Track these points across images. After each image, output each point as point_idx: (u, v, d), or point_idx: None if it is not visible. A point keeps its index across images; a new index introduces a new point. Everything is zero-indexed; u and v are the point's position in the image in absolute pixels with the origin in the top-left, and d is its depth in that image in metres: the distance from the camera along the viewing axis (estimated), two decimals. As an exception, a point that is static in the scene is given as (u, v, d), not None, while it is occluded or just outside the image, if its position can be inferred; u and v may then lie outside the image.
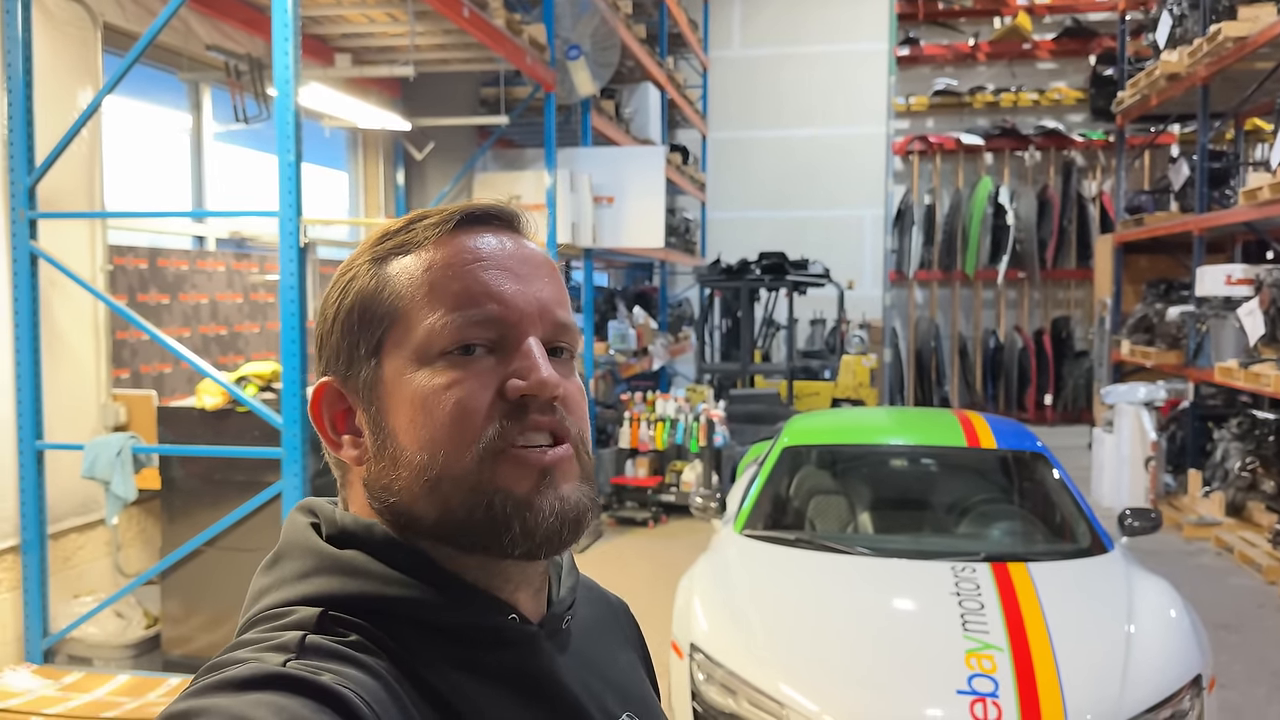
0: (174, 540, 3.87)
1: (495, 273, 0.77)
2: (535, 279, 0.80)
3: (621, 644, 0.96)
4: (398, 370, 0.76)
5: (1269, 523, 6.73)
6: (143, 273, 4.62)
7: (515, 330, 0.77)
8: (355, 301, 0.78)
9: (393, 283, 0.77)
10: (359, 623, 0.71)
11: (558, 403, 0.77)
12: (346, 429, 0.80)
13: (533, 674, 0.77)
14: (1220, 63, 7.42)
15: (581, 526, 0.78)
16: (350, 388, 0.79)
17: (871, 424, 4.79)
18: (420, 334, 0.76)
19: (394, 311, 0.77)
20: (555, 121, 6.69)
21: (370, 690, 0.66)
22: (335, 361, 0.80)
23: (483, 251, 0.78)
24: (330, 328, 0.80)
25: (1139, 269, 10.14)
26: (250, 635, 0.71)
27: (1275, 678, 4.55)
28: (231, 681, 0.63)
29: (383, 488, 0.76)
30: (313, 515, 0.79)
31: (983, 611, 3.11)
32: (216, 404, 3.71)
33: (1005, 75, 13.40)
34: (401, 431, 0.75)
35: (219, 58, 4.73)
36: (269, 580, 0.76)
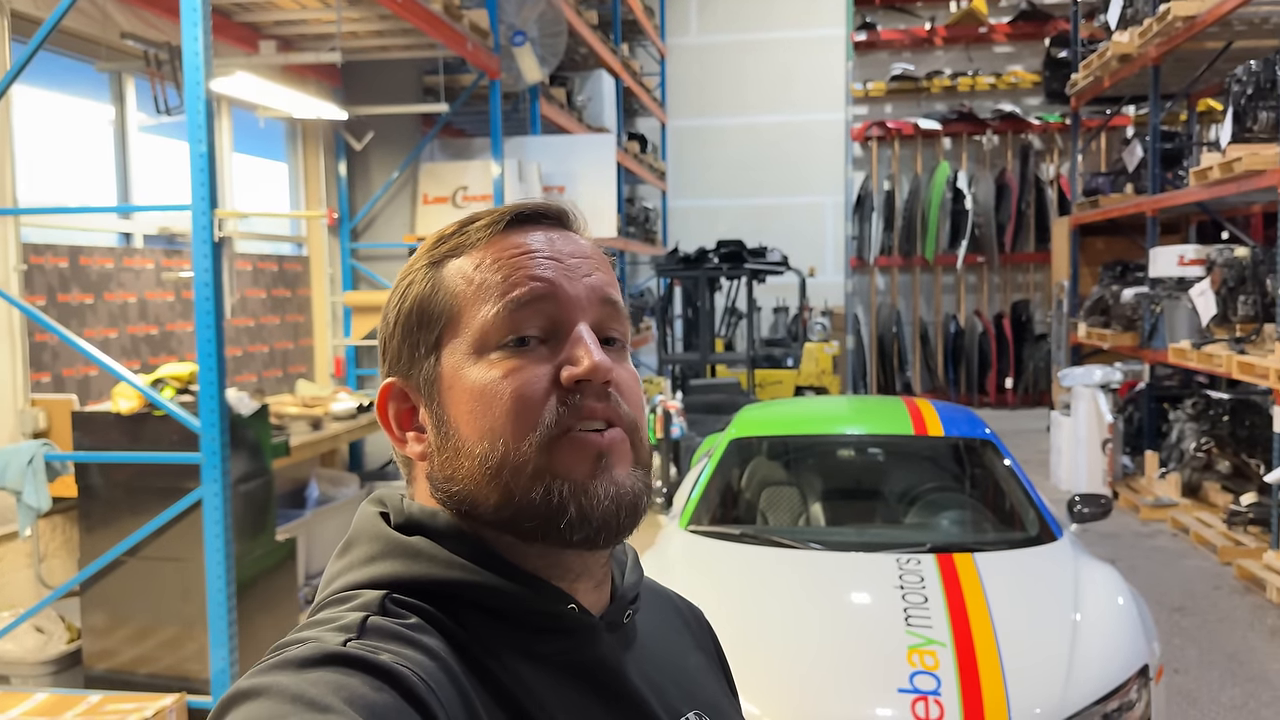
0: (94, 551, 3.71)
1: (543, 261, 0.80)
2: (583, 267, 0.82)
3: (692, 647, 0.96)
4: (455, 365, 0.79)
5: (1224, 503, 6.73)
6: (63, 271, 4.43)
7: (566, 316, 0.79)
8: (413, 304, 0.82)
9: (447, 283, 0.81)
10: (420, 605, 0.74)
11: (611, 388, 0.79)
12: (411, 426, 0.83)
13: (590, 664, 0.79)
14: (1170, 43, 7.39)
15: (638, 512, 0.79)
16: (412, 386, 0.82)
17: (820, 414, 4.70)
18: (474, 327, 0.79)
19: (449, 310, 0.80)
20: (502, 109, 6.53)
21: (428, 670, 0.67)
22: (397, 363, 0.83)
23: (531, 245, 0.81)
24: (392, 331, 0.83)
25: (1095, 251, 10.14)
26: (319, 616, 0.73)
27: (1229, 661, 4.52)
28: (293, 660, 0.65)
29: (446, 478, 0.79)
30: (382, 505, 0.82)
31: (926, 605, 3.03)
32: (132, 408, 3.54)
33: (962, 59, 13.37)
34: (462, 423, 0.78)
35: (137, 46, 4.55)
36: (340, 565, 0.79)
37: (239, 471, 3.63)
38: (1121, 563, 5.96)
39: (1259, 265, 6.03)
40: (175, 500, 3.51)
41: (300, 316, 6.48)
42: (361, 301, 6.43)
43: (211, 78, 3.36)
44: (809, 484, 4.11)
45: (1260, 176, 5.82)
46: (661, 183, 12.47)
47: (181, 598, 3.66)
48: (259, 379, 5.95)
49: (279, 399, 5.53)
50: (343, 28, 5.50)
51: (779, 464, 4.24)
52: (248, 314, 5.85)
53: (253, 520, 3.83)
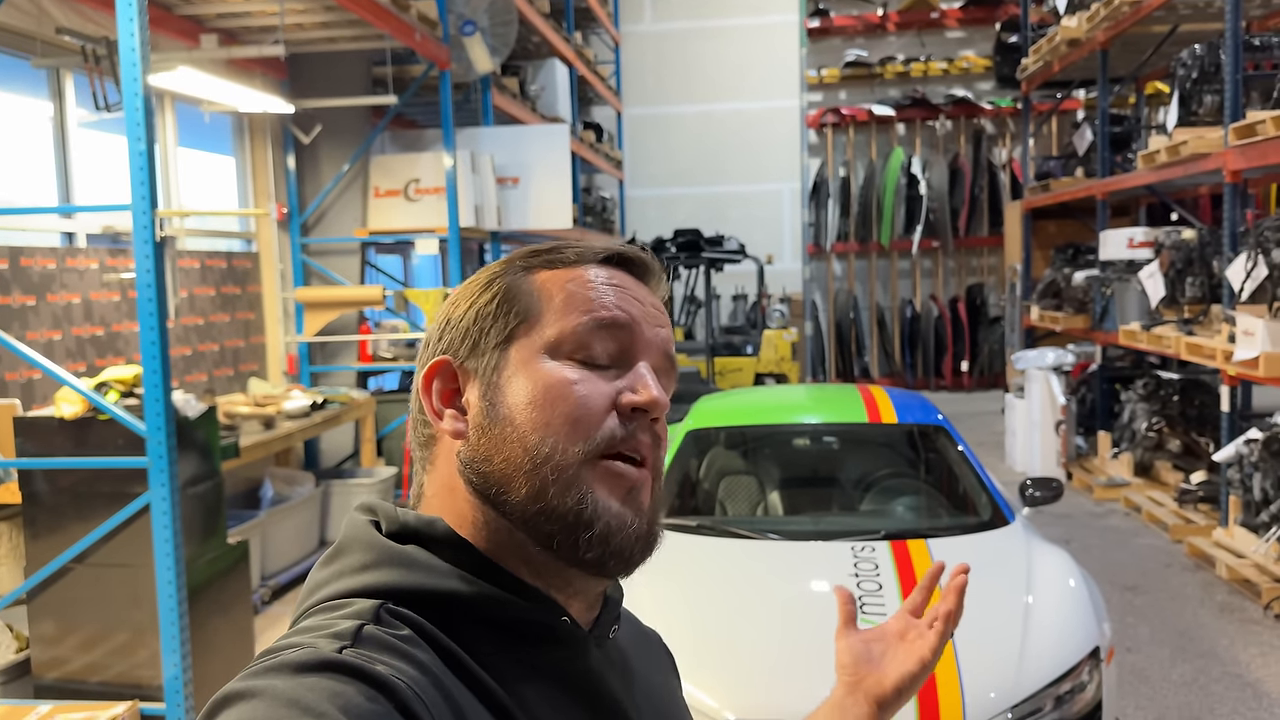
0: (40, 558, 3.63)
1: (629, 300, 0.84)
2: (660, 319, 0.86)
3: (660, 669, 0.99)
4: (524, 359, 0.81)
5: (1175, 481, 6.85)
6: (2, 273, 4.33)
7: (635, 349, 0.83)
8: (497, 293, 0.84)
9: (536, 286, 0.84)
10: (413, 616, 0.73)
11: (657, 427, 0.83)
12: (450, 404, 0.84)
13: (581, 675, 0.80)
14: (1118, 27, 7.48)
15: (650, 551, 0.82)
16: (469, 369, 0.83)
17: (776, 403, 4.72)
18: (553, 332, 0.82)
19: (531, 309, 0.83)
20: (453, 100, 6.47)
21: (420, 684, 0.67)
22: (459, 343, 0.84)
23: (622, 280, 0.86)
24: (464, 313, 0.85)
25: (1048, 234, 10.26)
26: (308, 623, 0.73)
27: (1180, 638, 4.60)
28: (288, 664, 0.65)
29: (483, 457, 0.80)
30: (372, 513, 0.82)
31: (880, 593, 3.05)
32: (76, 412, 3.47)
33: (914, 45, 13.45)
34: (519, 411, 0.80)
35: (75, 41, 4.44)
36: (328, 573, 0.79)
37: (187, 474, 3.57)
38: (1075, 542, 6.06)
39: (1206, 247, 6.14)
40: (123, 505, 3.44)
41: (251, 314, 6.39)
42: (313, 297, 6.34)
43: (150, 73, 3.29)
44: (765, 473, 4.12)
45: (1205, 159, 5.92)
46: (618, 172, 12.43)
47: (132, 604, 3.60)
48: (209, 378, 5.86)
49: (230, 398, 5.45)
50: (288, 19, 5.41)
51: (735, 454, 4.24)
52: (196, 312, 5.75)
53: (203, 523, 3.77)
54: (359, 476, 6.28)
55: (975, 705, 2.67)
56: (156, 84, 4.88)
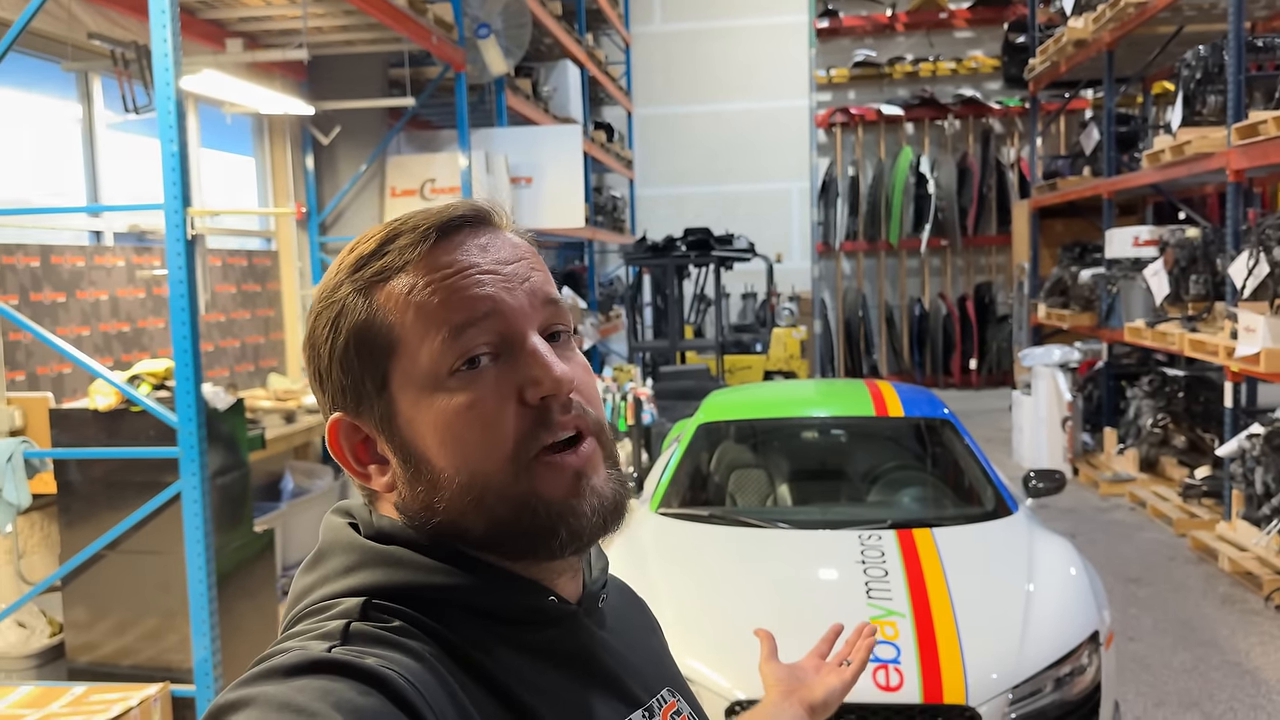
0: (74, 545, 3.76)
1: (480, 277, 0.78)
2: (520, 271, 0.80)
3: (648, 629, 1.00)
4: (412, 400, 0.77)
5: (1180, 477, 6.93)
6: (34, 270, 4.46)
7: (513, 330, 0.78)
8: (349, 338, 0.78)
9: (382, 313, 0.77)
10: (402, 610, 0.73)
11: (574, 395, 0.79)
12: (370, 459, 0.81)
13: (575, 650, 0.81)
14: (1124, 28, 7.55)
15: (622, 512, 0.81)
16: (365, 421, 0.80)
17: (785, 397, 4.82)
18: (424, 359, 0.76)
19: (392, 342, 0.77)
20: (468, 101, 6.59)
21: (414, 672, 0.68)
22: (342, 398, 0.80)
23: (463, 261, 0.78)
24: (328, 365, 0.80)
25: (1055, 233, 10.33)
26: (297, 628, 0.73)
27: (1181, 628, 4.69)
28: (278, 669, 0.65)
29: (424, 509, 0.78)
30: (349, 516, 0.82)
31: (886, 579, 3.16)
32: (109, 404, 3.60)
33: (923, 45, 13.52)
34: (434, 456, 0.77)
35: (104, 46, 4.57)
36: (312, 578, 0.78)
37: (216, 465, 3.70)
38: (1081, 536, 6.15)
39: (1210, 245, 6.22)
40: (154, 494, 3.57)
41: (270, 311, 6.52)
42: (332, 295, 6.46)
43: (181, 77, 3.41)
44: (775, 465, 4.23)
45: (1209, 159, 6.00)
46: (629, 171, 12.54)
47: (162, 590, 3.73)
48: (231, 373, 6.00)
49: (252, 393, 5.58)
50: (308, 23, 5.54)
51: (746, 447, 4.36)
52: (218, 309, 5.88)
53: (231, 512, 3.90)
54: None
55: (977, 685, 2.78)
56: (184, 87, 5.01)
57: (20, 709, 3.41)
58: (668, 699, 0.88)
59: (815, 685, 1.20)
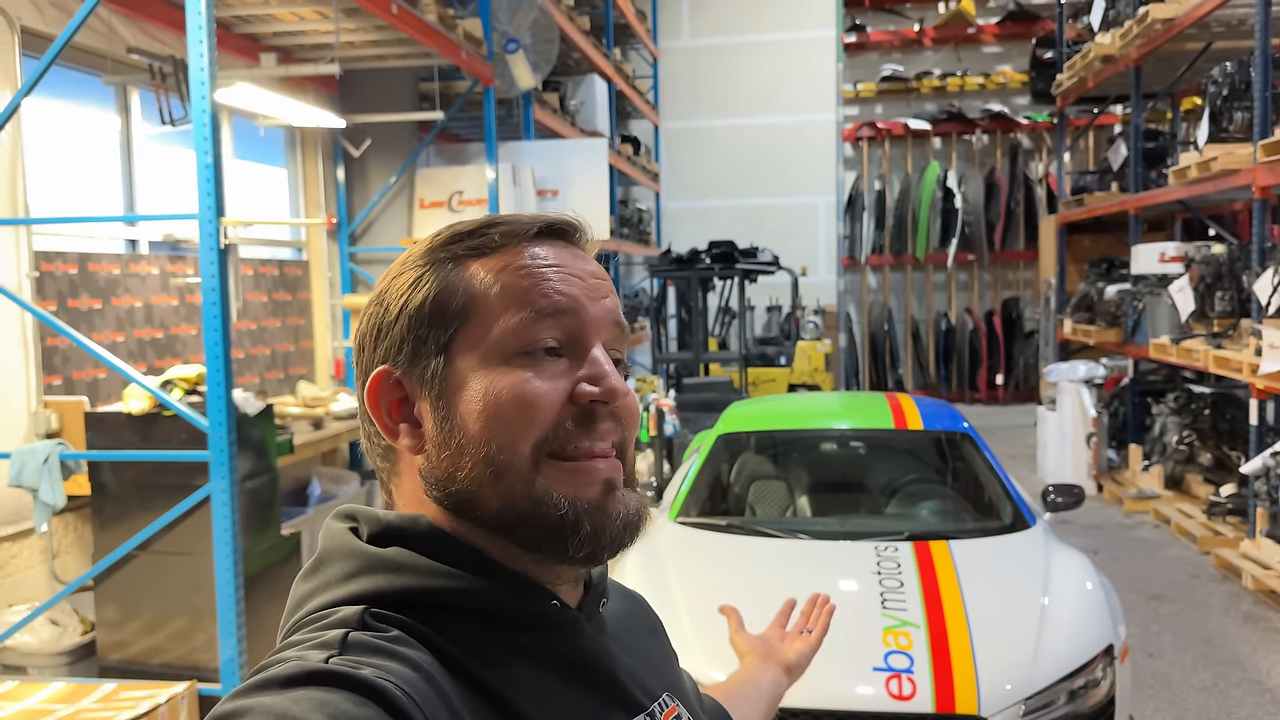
0: (106, 546, 3.86)
1: (569, 278, 0.82)
2: (601, 289, 0.84)
3: (650, 633, 1.00)
4: (470, 366, 0.79)
5: (1206, 494, 6.89)
6: (72, 278, 4.58)
7: (584, 334, 0.81)
8: (427, 297, 0.81)
9: (468, 283, 0.81)
10: (400, 618, 0.74)
11: (619, 409, 0.81)
12: (402, 417, 0.82)
13: (575, 655, 0.81)
14: (1151, 44, 7.55)
15: (640, 527, 0.82)
16: (412, 379, 0.81)
17: (805, 409, 4.86)
18: (495, 333, 0.79)
19: (468, 310, 0.80)
20: (496, 115, 6.69)
21: (411, 683, 0.68)
22: (396, 352, 0.81)
23: (557, 260, 0.82)
24: (394, 319, 0.82)
25: (1082, 249, 10.30)
26: (295, 637, 0.73)
27: (1203, 646, 4.67)
28: (275, 680, 0.66)
29: (445, 475, 0.79)
30: (350, 520, 0.82)
31: (902, 589, 3.18)
32: (143, 408, 3.70)
33: (951, 60, 13.53)
34: (471, 421, 0.78)
35: (142, 60, 4.69)
36: (311, 586, 0.79)
37: (245, 469, 3.78)
38: (1104, 553, 6.13)
39: (1235, 262, 6.20)
40: (185, 496, 3.65)
41: (300, 319, 6.63)
42: (360, 304, 6.56)
43: (216, 90, 3.51)
44: (794, 476, 4.27)
45: (1235, 175, 5.98)
46: (655, 184, 12.62)
47: (191, 590, 3.82)
48: (261, 380, 6.10)
49: (281, 400, 5.68)
50: (343, 38, 5.65)
51: (765, 458, 4.39)
52: (250, 317, 6.00)
53: (259, 515, 3.98)
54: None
55: (990, 696, 2.80)
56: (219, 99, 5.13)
57: (52, 704, 3.49)
58: (668, 704, 0.88)
59: (785, 649, 1.31)
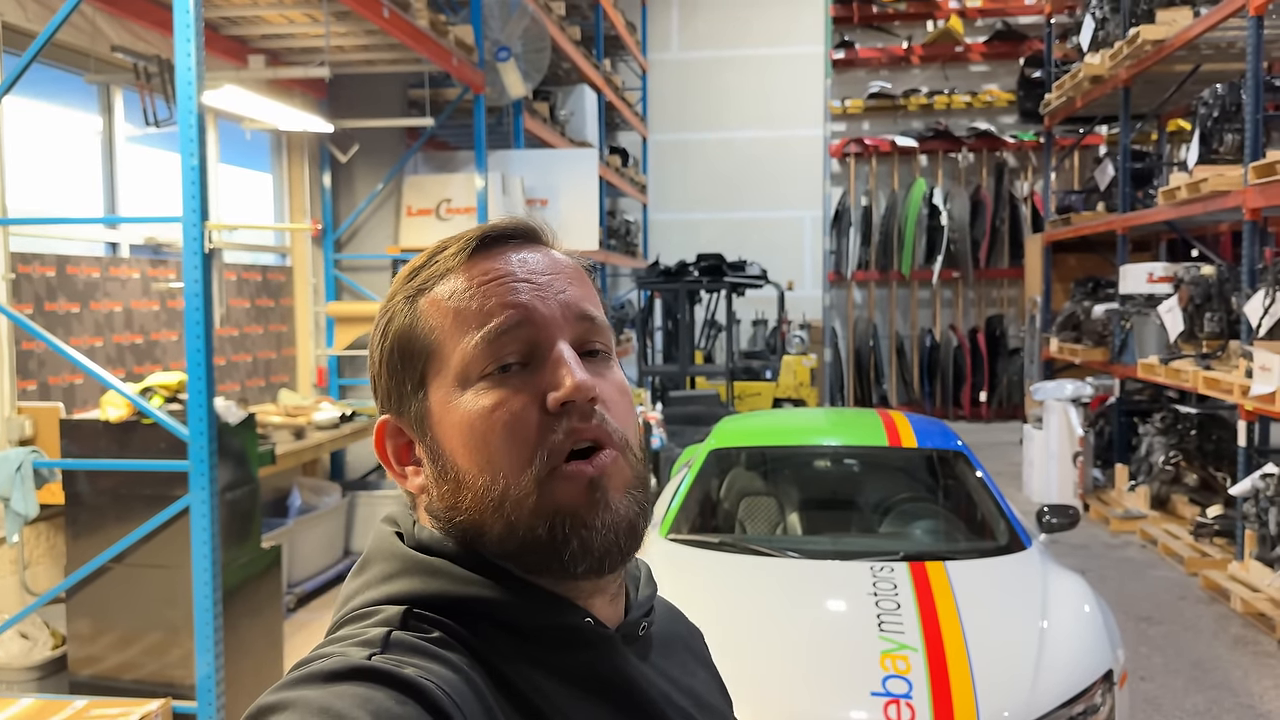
0: (80, 557, 3.74)
1: (514, 284, 0.80)
2: (557, 284, 0.81)
3: (700, 663, 0.97)
4: (442, 399, 0.79)
5: (1192, 515, 6.87)
6: (50, 280, 4.47)
7: (543, 338, 0.79)
8: (394, 342, 0.82)
9: (424, 317, 0.81)
10: (442, 620, 0.74)
11: (597, 405, 0.79)
12: (410, 461, 0.83)
13: (609, 675, 0.79)
14: (1140, 65, 7.57)
15: (638, 534, 0.80)
16: (405, 422, 0.83)
17: (797, 425, 4.80)
18: (456, 360, 0.79)
19: (429, 345, 0.80)
20: (486, 123, 6.62)
21: (452, 684, 0.68)
22: (389, 400, 0.84)
23: (501, 269, 0.81)
24: (379, 370, 0.84)
25: (1068, 268, 10.32)
26: (340, 633, 0.74)
27: (1193, 669, 4.63)
28: (318, 674, 0.66)
29: (448, 509, 0.80)
30: (396, 525, 0.83)
31: (899, 612, 3.12)
32: (121, 416, 3.59)
33: (938, 78, 13.57)
34: (459, 456, 0.79)
35: (127, 59, 4.60)
36: (357, 584, 0.80)
37: (225, 479, 3.69)
38: (1091, 573, 6.09)
39: (1225, 283, 6.19)
40: (162, 507, 3.55)
41: (283, 326, 6.53)
42: (344, 312, 6.48)
43: (204, 92, 3.42)
44: (786, 494, 4.20)
45: (1225, 197, 5.98)
46: (642, 196, 12.58)
47: (167, 604, 3.71)
48: (242, 388, 5.99)
49: (262, 408, 5.58)
50: (332, 41, 5.57)
51: (757, 474, 4.33)
52: (231, 324, 5.89)
53: (238, 527, 3.88)
54: (384, 488, 6.39)
55: (989, 722, 2.74)
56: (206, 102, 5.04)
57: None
58: None
59: None
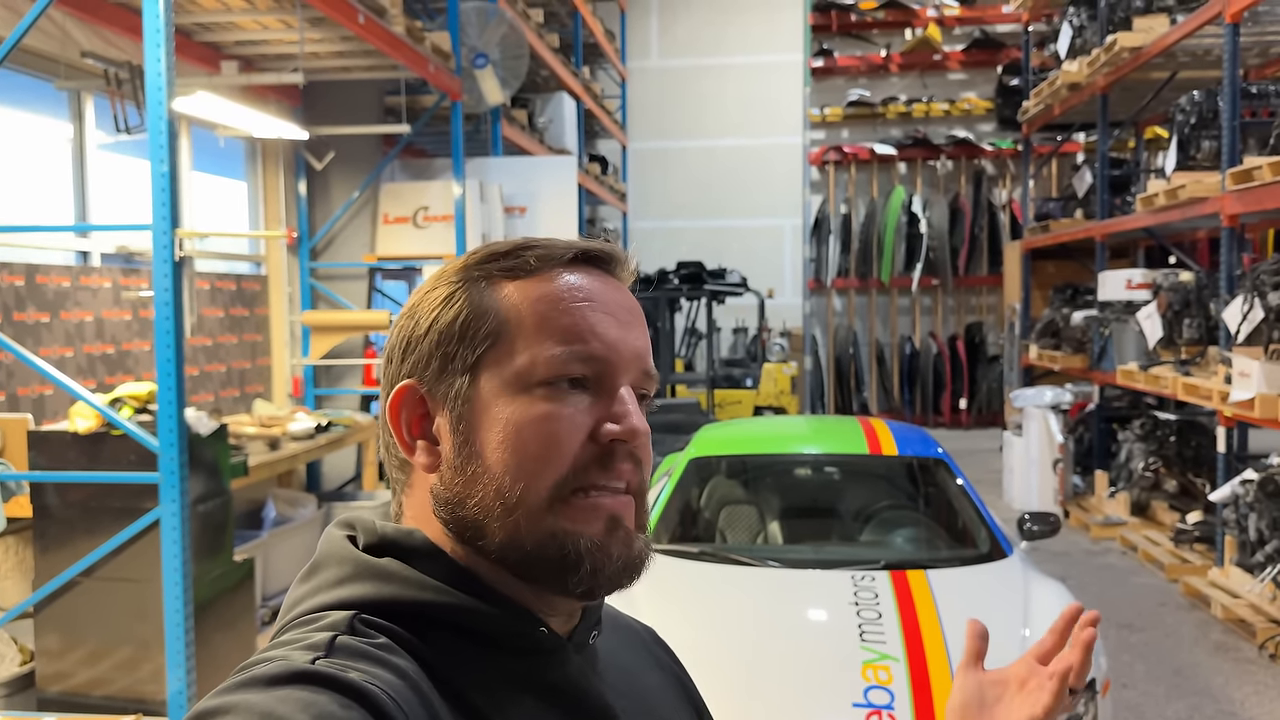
0: (49, 571, 3.67)
1: (603, 315, 0.80)
2: (634, 327, 0.82)
3: (651, 666, 0.97)
4: (495, 390, 0.78)
5: (1172, 521, 6.89)
6: (19, 290, 4.39)
7: (613, 374, 0.79)
8: (459, 314, 0.80)
9: (501, 305, 0.79)
10: (390, 626, 0.73)
11: (638, 450, 0.80)
12: (421, 434, 0.81)
13: (561, 683, 0.79)
14: (1117, 73, 7.61)
15: (641, 570, 0.80)
16: (436, 395, 0.80)
17: (778, 433, 4.77)
18: (523, 360, 0.78)
19: (499, 333, 0.79)
20: (463, 131, 6.58)
21: (397, 689, 0.67)
22: (423, 367, 0.81)
23: (593, 292, 0.81)
24: (424, 334, 0.81)
25: (1047, 275, 10.35)
26: (284, 637, 0.73)
27: (1175, 676, 4.63)
28: (261, 678, 0.65)
29: (455, 499, 0.78)
30: (350, 528, 0.81)
31: (880, 621, 3.09)
32: (90, 427, 3.52)
33: (917, 86, 13.63)
34: (489, 450, 0.77)
35: (97, 65, 4.53)
36: (305, 589, 0.78)
37: (197, 491, 3.62)
38: (1072, 580, 6.09)
39: (1203, 290, 6.22)
40: (132, 520, 3.48)
41: (258, 336, 6.45)
42: (320, 321, 6.41)
43: (174, 98, 3.37)
44: (767, 502, 4.17)
45: (1203, 203, 6.01)
46: (622, 204, 12.56)
47: (137, 618, 3.63)
48: (216, 399, 5.92)
49: (236, 419, 5.50)
50: (307, 48, 5.52)
51: (737, 483, 4.29)
52: (205, 333, 5.81)
53: (210, 540, 3.81)
54: (360, 499, 6.32)
55: (972, 733, 2.71)
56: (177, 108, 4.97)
57: (-14, 740, 3.30)
58: None
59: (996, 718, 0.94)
